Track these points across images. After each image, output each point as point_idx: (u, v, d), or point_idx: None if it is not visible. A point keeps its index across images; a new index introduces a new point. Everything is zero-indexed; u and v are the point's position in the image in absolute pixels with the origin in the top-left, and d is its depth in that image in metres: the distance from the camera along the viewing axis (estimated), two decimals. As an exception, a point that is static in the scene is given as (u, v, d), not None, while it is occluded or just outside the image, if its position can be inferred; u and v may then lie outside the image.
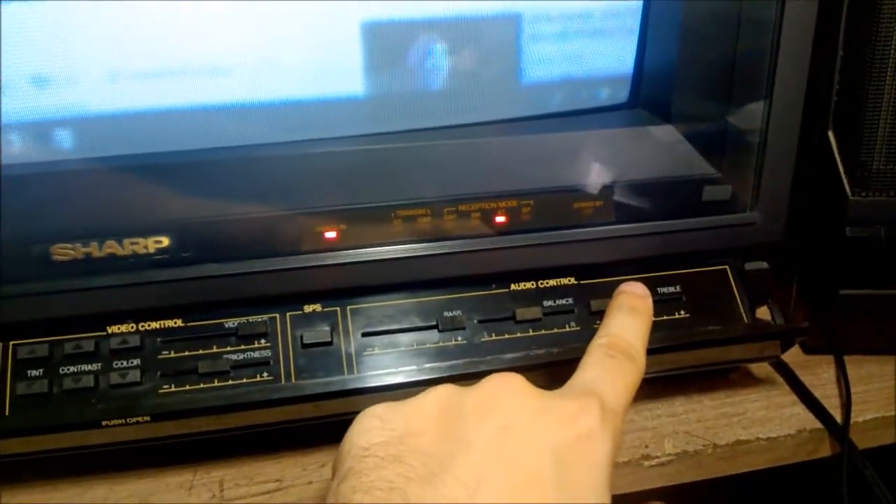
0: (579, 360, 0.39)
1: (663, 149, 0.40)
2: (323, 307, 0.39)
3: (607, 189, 0.40)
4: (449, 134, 0.40)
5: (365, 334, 0.39)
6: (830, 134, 0.43)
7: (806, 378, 0.45)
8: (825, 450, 0.43)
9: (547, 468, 0.27)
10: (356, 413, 0.38)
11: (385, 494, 0.26)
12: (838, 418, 0.43)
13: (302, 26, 0.37)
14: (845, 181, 0.43)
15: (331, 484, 0.29)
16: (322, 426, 0.39)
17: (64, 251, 0.36)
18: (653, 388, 0.43)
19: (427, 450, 0.28)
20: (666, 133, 0.41)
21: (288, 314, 0.38)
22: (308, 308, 0.39)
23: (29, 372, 0.36)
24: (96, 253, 0.36)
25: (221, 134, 0.37)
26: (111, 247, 0.36)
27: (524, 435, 0.28)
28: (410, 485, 0.26)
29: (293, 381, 0.37)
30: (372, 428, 0.29)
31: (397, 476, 0.27)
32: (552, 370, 0.38)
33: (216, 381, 0.37)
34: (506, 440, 0.28)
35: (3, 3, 0.34)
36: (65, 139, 0.36)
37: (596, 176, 0.40)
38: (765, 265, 0.42)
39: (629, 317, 0.36)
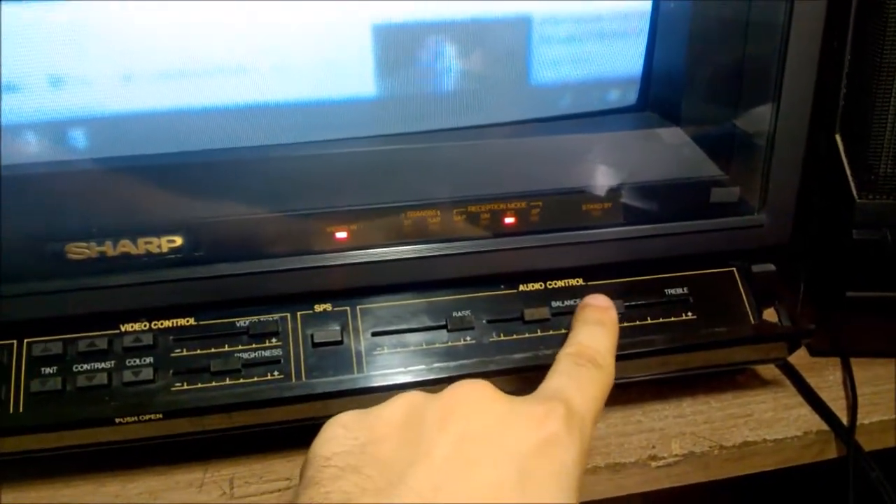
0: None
1: (671, 151, 0.41)
2: (333, 307, 0.39)
3: (615, 191, 0.40)
4: (459, 135, 0.40)
5: (375, 334, 0.39)
6: (838, 137, 0.43)
7: (812, 380, 0.45)
8: (831, 451, 0.43)
9: (508, 475, 0.27)
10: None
11: None
12: (844, 420, 0.43)
13: (314, 28, 0.37)
14: (852, 184, 0.43)
15: (295, 491, 0.29)
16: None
17: (79, 250, 0.36)
18: (660, 389, 0.44)
19: (386, 459, 0.27)
20: (674, 135, 0.41)
21: (299, 313, 0.39)
22: (319, 307, 0.39)
23: (43, 369, 0.36)
24: (110, 252, 0.36)
25: (234, 134, 0.38)
26: (125, 246, 0.36)
27: (485, 442, 0.28)
28: (365, 496, 0.26)
29: (304, 379, 0.37)
30: (335, 437, 0.29)
31: (353, 486, 0.26)
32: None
33: (228, 379, 0.37)
34: (466, 448, 0.27)
35: (20, 4, 0.34)
36: (80, 139, 0.37)
37: (604, 178, 0.40)
38: (772, 267, 0.42)
39: (595, 327, 0.36)
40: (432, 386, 0.37)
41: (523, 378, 0.38)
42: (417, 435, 0.28)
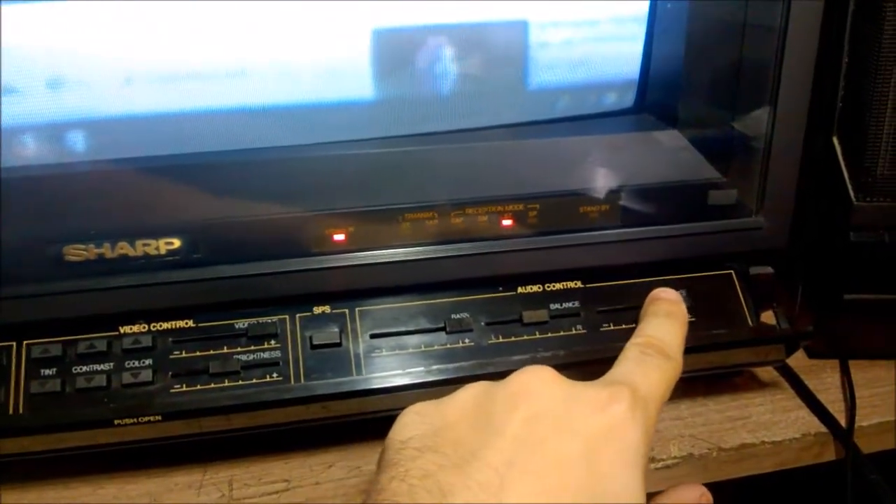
0: (586, 362, 0.39)
1: (669, 153, 0.41)
2: (332, 309, 0.39)
3: (613, 193, 0.40)
4: (457, 138, 0.40)
5: (373, 336, 0.39)
6: (835, 139, 0.43)
7: (811, 382, 0.45)
8: (830, 454, 0.43)
9: (576, 453, 0.28)
10: (364, 414, 0.39)
11: (419, 482, 0.27)
12: (843, 422, 0.43)
13: (315, 32, 0.37)
14: (850, 187, 0.43)
15: (373, 476, 0.30)
16: (329, 427, 0.39)
17: (77, 252, 0.36)
18: (658, 391, 0.44)
19: (460, 439, 0.29)
20: (671, 138, 0.41)
21: (297, 315, 0.39)
22: (317, 310, 0.39)
23: (42, 371, 0.37)
24: (109, 254, 0.36)
25: (233, 137, 0.38)
26: (123, 248, 0.36)
27: (554, 421, 0.29)
28: (443, 471, 0.27)
29: (302, 381, 0.37)
30: (410, 423, 0.30)
31: (431, 464, 0.28)
32: (559, 372, 0.38)
33: (227, 381, 0.37)
34: (536, 427, 0.28)
35: (21, 5, 0.34)
36: (78, 141, 0.37)
37: (602, 180, 0.40)
38: (769, 270, 0.42)
39: (666, 320, 0.37)
40: (432, 388, 0.38)
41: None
42: (488, 416, 0.29)
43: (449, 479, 0.27)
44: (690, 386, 0.44)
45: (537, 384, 0.30)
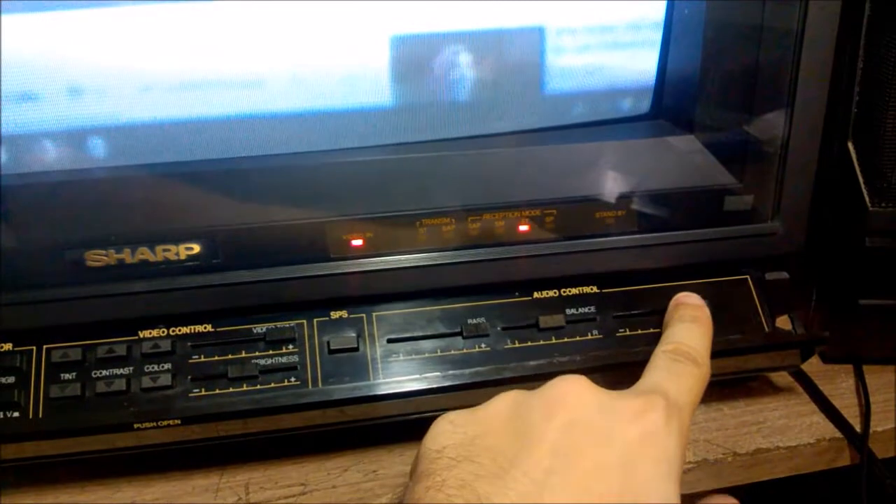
0: (602, 367, 0.39)
1: (685, 159, 0.41)
2: (349, 314, 0.39)
3: (629, 198, 0.40)
4: (474, 144, 0.40)
5: (390, 340, 0.39)
6: (850, 145, 0.43)
7: (825, 387, 0.45)
8: (845, 459, 0.43)
9: (613, 461, 0.28)
10: (380, 418, 0.39)
11: (456, 492, 0.27)
12: (858, 428, 0.43)
13: (333, 39, 0.37)
14: (865, 192, 0.43)
15: (408, 486, 0.31)
16: (345, 431, 0.39)
17: (98, 257, 0.36)
18: (673, 396, 0.44)
19: (497, 448, 0.29)
20: (687, 143, 0.41)
21: (315, 320, 0.39)
22: (335, 314, 0.39)
23: (62, 375, 0.37)
24: (129, 259, 0.37)
25: (252, 143, 0.38)
26: (143, 253, 0.37)
27: (590, 430, 0.29)
28: (480, 481, 0.27)
29: (320, 386, 0.38)
30: (444, 431, 0.30)
31: (468, 474, 0.28)
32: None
33: (245, 385, 0.37)
34: (572, 435, 0.29)
35: (42, 13, 0.35)
36: (98, 148, 0.37)
37: (618, 186, 0.40)
38: (785, 275, 0.43)
39: (692, 325, 0.37)
40: (448, 393, 0.38)
41: (538, 386, 0.39)
42: (525, 425, 0.29)
43: (486, 488, 0.27)
44: (706, 391, 0.44)
45: (573, 393, 0.30)
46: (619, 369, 0.40)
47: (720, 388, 0.45)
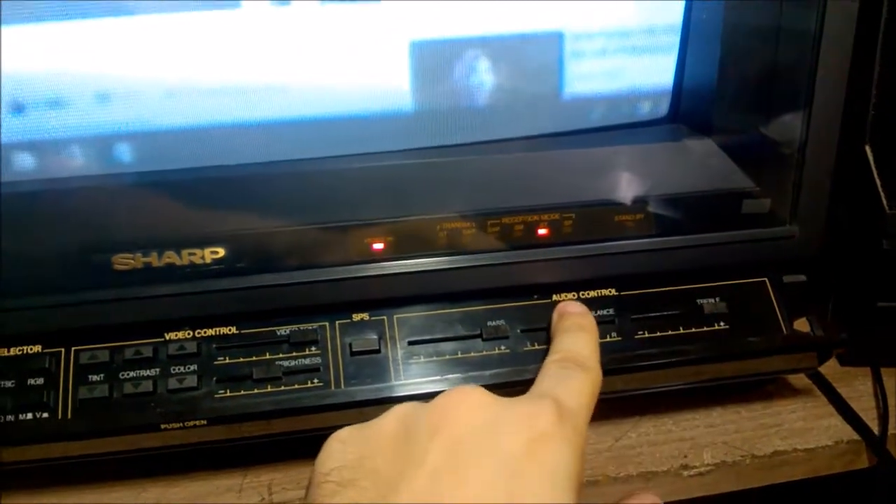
0: (621, 370, 0.40)
1: (703, 162, 0.41)
2: (371, 316, 0.40)
3: (647, 202, 0.40)
4: (493, 148, 0.41)
5: (411, 343, 0.39)
6: (867, 148, 0.44)
7: (843, 390, 0.45)
8: (862, 461, 0.43)
9: (497, 479, 0.27)
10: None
11: None
12: (875, 430, 0.43)
13: (354, 45, 0.38)
14: (882, 195, 0.43)
15: None
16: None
17: (125, 261, 0.37)
18: (690, 399, 0.44)
19: (380, 471, 0.28)
20: (705, 147, 0.41)
21: (337, 323, 0.39)
22: (356, 317, 0.40)
23: (90, 377, 0.37)
24: (156, 263, 0.37)
25: (276, 149, 0.39)
26: (170, 257, 0.37)
27: (476, 446, 0.28)
28: None
29: (342, 387, 0.38)
30: (334, 452, 0.29)
31: (350, 500, 0.27)
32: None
33: (269, 386, 0.38)
34: (457, 454, 0.28)
35: (68, 22, 0.35)
36: (126, 153, 0.38)
37: (636, 189, 0.40)
38: (803, 278, 0.43)
39: (577, 333, 0.37)
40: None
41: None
42: (410, 445, 0.28)
43: None
44: (722, 393, 0.45)
45: (460, 406, 0.29)
46: (639, 372, 0.40)
47: (738, 391, 0.45)
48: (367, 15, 0.37)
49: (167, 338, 0.38)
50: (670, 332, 0.41)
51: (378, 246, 0.39)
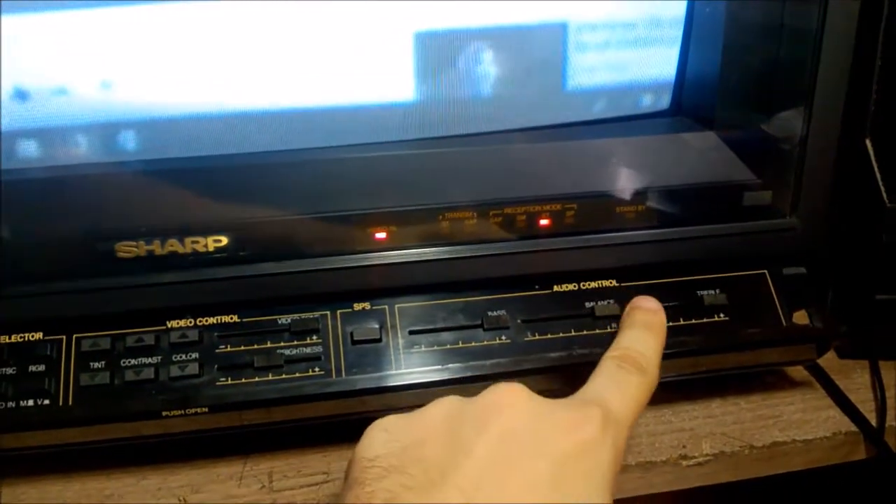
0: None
1: (704, 155, 0.41)
2: (372, 305, 0.40)
3: (649, 194, 0.41)
4: (495, 139, 0.41)
5: (412, 332, 0.40)
6: (868, 142, 0.44)
7: (841, 382, 0.45)
8: (860, 453, 0.44)
9: (544, 475, 0.27)
10: (401, 408, 0.39)
11: None
12: (873, 422, 0.43)
13: (359, 35, 0.38)
14: (882, 188, 0.44)
15: (340, 493, 0.30)
16: (367, 421, 0.39)
17: (128, 249, 0.37)
18: (689, 390, 0.44)
19: (428, 459, 0.28)
20: (707, 140, 0.42)
21: (339, 312, 0.40)
22: (358, 306, 0.40)
23: (92, 364, 0.37)
24: (159, 251, 0.37)
25: (279, 138, 0.39)
26: (173, 245, 0.37)
27: (523, 442, 0.28)
28: (409, 494, 0.27)
29: (343, 376, 0.38)
30: (377, 440, 0.30)
31: (398, 486, 0.27)
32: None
33: (271, 374, 0.38)
34: (505, 447, 0.28)
35: (72, 10, 0.35)
36: (130, 141, 0.38)
37: (638, 181, 0.40)
38: (803, 270, 0.43)
39: (642, 331, 0.36)
40: (469, 384, 0.38)
41: (558, 377, 0.39)
42: (458, 436, 0.29)
43: (414, 501, 0.27)
44: (721, 385, 0.45)
45: (508, 402, 0.30)
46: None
47: (737, 382, 0.45)
48: (372, 6, 0.37)
49: (169, 326, 0.38)
50: (671, 323, 0.41)
51: (380, 235, 0.39)
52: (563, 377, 0.39)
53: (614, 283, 0.42)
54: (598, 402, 0.31)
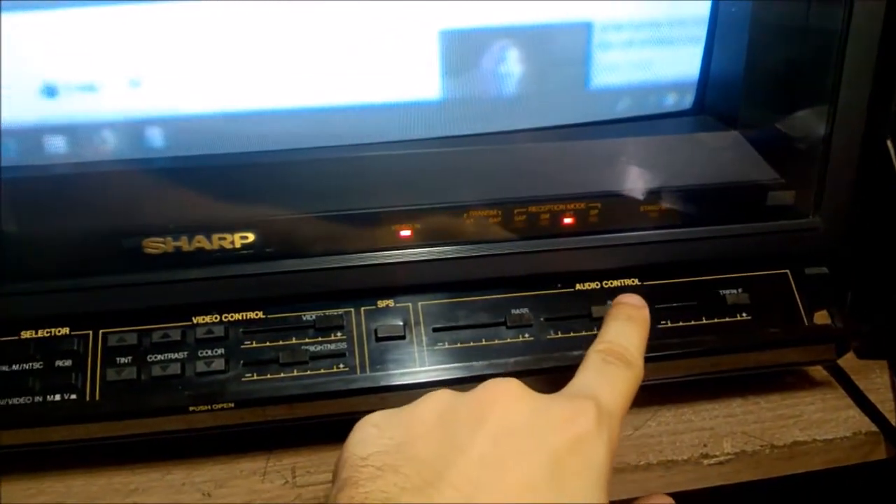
0: (646, 358, 0.40)
1: (728, 154, 0.41)
2: (395, 303, 0.40)
3: (673, 193, 0.41)
4: (519, 138, 0.41)
5: (436, 329, 0.40)
6: (889, 142, 0.44)
7: (860, 383, 0.45)
8: (880, 452, 0.44)
9: (541, 472, 0.27)
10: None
11: None
12: (893, 422, 0.43)
13: (384, 34, 0.38)
14: (903, 189, 0.44)
15: (329, 491, 0.30)
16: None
17: (156, 245, 0.37)
18: (709, 389, 0.44)
19: (423, 458, 0.28)
20: (731, 139, 0.42)
21: (362, 309, 0.40)
22: (381, 303, 0.40)
23: (118, 359, 0.38)
24: (186, 247, 0.37)
25: (306, 136, 0.39)
26: (200, 241, 0.37)
27: (518, 439, 0.28)
28: (405, 495, 0.27)
29: (367, 372, 0.38)
30: (369, 437, 0.29)
31: (392, 486, 0.27)
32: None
33: (296, 370, 0.38)
34: (500, 445, 0.28)
35: (101, 7, 0.36)
36: (158, 138, 0.38)
37: (661, 180, 0.40)
38: (824, 270, 0.43)
39: (626, 325, 0.36)
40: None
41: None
42: (453, 433, 0.29)
43: (411, 502, 0.26)
44: (741, 384, 0.45)
45: (502, 398, 0.30)
46: (662, 361, 0.40)
47: (756, 382, 0.45)
48: (398, 4, 0.38)
49: (195, 322, 0.39)
50: (693, 322, 0.41)
51: (405, 233, 0.39)
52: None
53: (636, 281, 0.42)
54: (589, 396, 0.31)
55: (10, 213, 0.37)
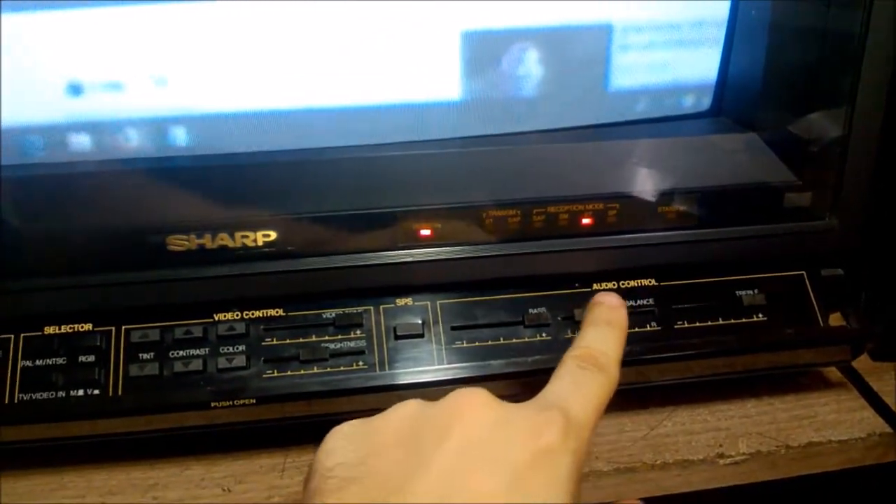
0: (660, 359, 0.40)
1: (745, 156, 0.42)
2: (414, 301, 0.40)
3: (690, 194, 0.41)
4: (539, 138, 0.41)
5: (454, 328, 0.40)
6: (905, 145, 0.44)
7: (873, 384, 0.45)
8: (895, 454, 0.44)
9: (503, 485, 0.27)
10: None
11: None
12: (907, 424, 0.44)
13: (405, 34, 0.38)
14: (919, 192, 0.44)
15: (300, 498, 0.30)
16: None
17: (179, 242, 0.38)
18: (724, 389, 0.45)
19: (387, 471, 0.28)
20: (749, 141, 0.42)
21: (381, 307, 0.40)
22: (400, 302, 0.40)
23: (141, 355, 0.38)
24: (209, 244, 0.38)
25: (327, 135, 0.39)
26: (223, 239, 0.38)
27: (482, 452, 0.28)
28: None
29: (387, 370, 0.39)
30: (337, 448, 0.29)
31: (355, 498, 0.27)
32: (632, 369, 0.39)
33: (316, 367, 0.38)
34: (463, 458, 0.28)
35: (127, 6, 0.36)
36: (182, 136, 0.38)
37: (679, 181, 0.41)
38: (840, 272, 0.43)
39: (604, 329, 0.35)
40: (510, 380, 0.39)
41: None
42: (417, 445, 0.28)
43: None
44: (755, 385, 0.45)
45: (468, 410, 0.29)
46: (678, 362, 0.41)
47: (770, 383, 0.45)
48: (421, 5, 0.38)
49: (217, 318, 0.39)
50: (709, 323, 0.41)
51: (425, 232, 0.40)
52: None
53: (653, 281, 0.42)
54: (558, 406, 0.30)
55: (35, 210, 0.37)
